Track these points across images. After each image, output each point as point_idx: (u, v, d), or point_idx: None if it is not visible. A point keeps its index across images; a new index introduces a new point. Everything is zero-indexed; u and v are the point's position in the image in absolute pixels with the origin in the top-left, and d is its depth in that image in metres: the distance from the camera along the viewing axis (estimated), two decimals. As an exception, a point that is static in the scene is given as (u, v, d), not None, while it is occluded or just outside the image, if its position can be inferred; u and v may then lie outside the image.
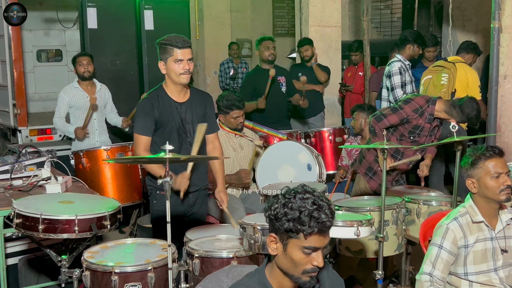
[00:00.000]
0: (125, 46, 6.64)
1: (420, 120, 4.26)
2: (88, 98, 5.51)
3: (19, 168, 4.33)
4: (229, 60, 9.18)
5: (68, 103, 5.47)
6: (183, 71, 3.53)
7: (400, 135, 4.33)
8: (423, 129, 4.30)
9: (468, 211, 2.89)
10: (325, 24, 7.51)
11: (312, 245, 1.98)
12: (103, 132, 5.70)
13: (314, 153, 4.52)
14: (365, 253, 3.72)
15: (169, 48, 3.50)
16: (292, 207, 1.97)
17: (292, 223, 1.96)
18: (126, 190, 4.91)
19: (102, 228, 3.15)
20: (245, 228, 2.98)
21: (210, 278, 2.37)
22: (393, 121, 4.23)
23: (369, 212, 3.57)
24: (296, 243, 1.98)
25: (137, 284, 2.88)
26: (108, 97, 5.76)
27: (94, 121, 5.57)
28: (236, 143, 4.80)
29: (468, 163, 2.88)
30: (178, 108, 3.66)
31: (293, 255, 2.00)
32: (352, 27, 10.57)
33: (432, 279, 2.81)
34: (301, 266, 2.01)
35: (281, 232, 2.01)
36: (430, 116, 4.26)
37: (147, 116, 3.58)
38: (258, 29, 11.64)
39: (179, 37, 3.54)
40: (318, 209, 1.96)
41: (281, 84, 6.16)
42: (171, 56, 3.51)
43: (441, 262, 2.83)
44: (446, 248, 2.83)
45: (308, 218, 1.94)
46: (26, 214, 3.08)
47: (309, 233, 1.95)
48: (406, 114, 4.22)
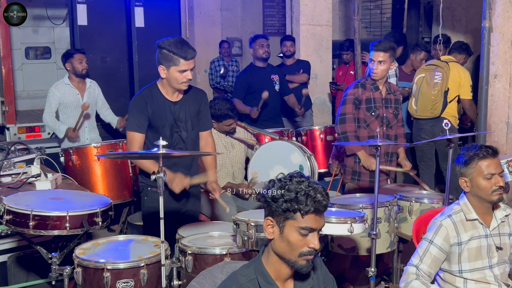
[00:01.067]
0: (115, 43, 6.59)
1: (366, 92, 4.33)
2: (79, 95, 5.48)
3: (8, 165, 4.28)
4: (220, 58, 9.15)
5: (59, 99, 5.41)
6: (185, 80, 3.50)
7: (363, 121, 4.37)
8: (375, 100, 4.35)
9: (462, 209, 2.90)
10: (316, 23, 7.51)
11: (308, 225, 2.01)
12: (93, 130, 5.66)
13: (307, 153, 4.51)
14: (358, 250, 3.72)
15: (175, 58, 3.43)
16: (289, 189, 2.02)
17: (290, 203, 2.00)
18: (116, 187, 4.88)
19: (93, 225, 3.13)
20: (239, 224, 2.97)
21: (205, 274, 2.35)
22: (350, 109, 4.31)
23: (362, 210, 3.57)
24: (293, 224, 2.02)
25: (130, 281, 2.86)
26: (99, 93, 5.71)
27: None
28: (228, 142, 4.78)
29: (462, 162, 2.88)
30: (172, 107, 3.64)
31: (290, 236, 2.02)
32: (342, 26, 10.59)
33: (418, 272, 2.83)
34: (298, 248, 2.03)
35: (277, 214, 2.04)
36: (373, 84, 4.35)
37: (141, 114, 3.55)
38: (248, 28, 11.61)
39: (185, 46, 3.46)
40: (314, 190, 2.02)
41: (275, 82, 6.16)
42: (176, 66, 3.45)
43: (429, 257, 2.84)
44: (437, 244, 2.84)
45: (305, 197, 2.00)
46: (16, 211, 3.05)
47: (306, 212, 2.00)
48: (352, 95, 4.31)
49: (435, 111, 5.77)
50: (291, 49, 6.86)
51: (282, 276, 2.12)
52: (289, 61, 6.90)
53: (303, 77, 6.83)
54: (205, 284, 2.30)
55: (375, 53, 4.30)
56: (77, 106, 5.45)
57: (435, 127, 5.83)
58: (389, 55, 4.31)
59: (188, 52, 3.43)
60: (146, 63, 6.61)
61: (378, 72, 4.30)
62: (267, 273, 2.10)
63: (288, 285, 2.16)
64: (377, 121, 4.37)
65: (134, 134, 3.57)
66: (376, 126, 4.32)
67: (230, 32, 11.22)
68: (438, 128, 5.80)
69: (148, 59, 6.64)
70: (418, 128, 5.99)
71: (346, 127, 4.31)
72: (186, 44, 3.49)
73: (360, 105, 4.33)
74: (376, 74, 4.31)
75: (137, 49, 6.62)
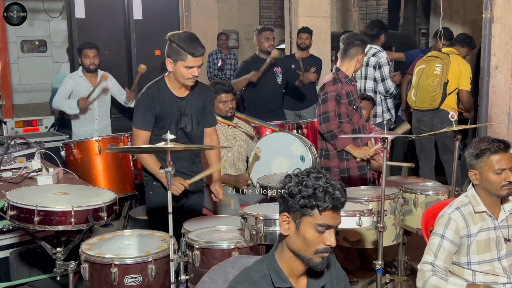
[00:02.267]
0: (114, 36, 6.52)
1: (345, 86, 4.25)
2: (91, 88, 5.49)
3: (8, 159, 4.24)
4: (218, 51, 9.11)
5: (71, 88, 5.45)
6: (191, 76, 3.47)
7: (346, 116, 4.28)
8: (352, 93, 4.30)
9: (470, 201, 2.88)
10: (315, 15, 7.48)
11: (326, 222, 1.98)
12: (104, 119, 5.68)
13: (307, 143, 4.48)
14: (363, 243, 3.71)
15: (183, 53, 3.39)
16: (306, 185, 1.98)
17: (307, 199, 1.97)
18: (118, 181, 4.84)
19: (98, 219, 3.09)
20: (247, 218, 2.95)
21: (216, 269, 2.33)
22: (332, 106, 4.19)
23: (368, 202, 3.55)
24: (309, 220, 1.99)
25: (137, 276, 2.83)
26: (113, 85, 5.73)
27: (95, 111, 5.55)
28: (230, 134, 4.75)
29: (472, 154, 2.86)
30: (178, 102, 3.62)
31: (306, 233, 2.00)
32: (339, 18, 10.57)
33: (434, 268, 2.79)
34: (314, 245, 2.00)
35: (294, 210, 2.01)
36: (346, 77, 4.29)
37: (148, 112, 3.53)
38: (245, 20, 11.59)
39: (195, 42, 3.41)
40: (332, 186, 1.98)
41: (277, 75, 6.12)
42: (183, 61, 3.41)
43: (443, 252, 2.81)
44: (448, 238, 2.82)
45: (323, 193, 1.96)
46: (21, 206, 3.01)
47: (324, 209, 1.97)
48: (334, 91, 4.19)
49: (434, 102, 5.75)
50: (306, 42, 6.75)
51: (296, 272, 2.10)
52: (302, 54, 6.81)
53: (312, 77, 6.75)
54: (217, 279, 2.27)
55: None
56: None
57: (434, 119, 5.82)
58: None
59: (196, 49, 3.39)
60: (144, 56, 6.55)
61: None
62: (280, 269, 2.08)
63: (301, 282, 2.14)
64: (357, 114, 4.32)
65: (140, 132, 3.55)
66: (357, 118, 4.30)
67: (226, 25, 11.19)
68: (437, 119, 5.79)
69: (146, 52, 6.60)
70: (417, 120, 5.98)
71: (331, 125, 4.19)
72: (196, 40, 3.44)
73: (341, 100, 4.23)
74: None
75: (135, 42, 6.55)
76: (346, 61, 4.31)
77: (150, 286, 2.86)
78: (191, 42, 3.40)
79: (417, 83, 5.81)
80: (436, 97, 5.69)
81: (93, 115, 5.56)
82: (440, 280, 2.74)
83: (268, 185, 3.71)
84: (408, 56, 7.04)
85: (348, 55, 4.29)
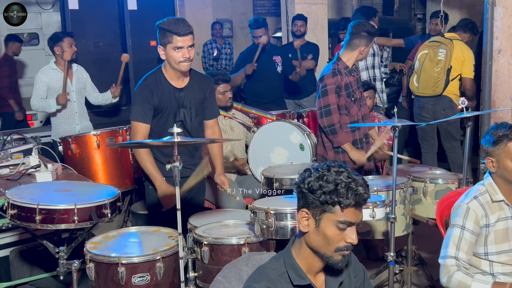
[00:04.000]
0: (108, 27, 6.40)
1: (344, 77, 4.15)
2: (68, 80, 5.21)
3: (5, 156, 4.15)
4: (213, 40, 8.99)
5: (46, 84, 5.14)
6: (183, 59, 3.37)
7: (345, 108, 4.19)
8: (351, 84, 4.19)
9: (487, 190, 2.79)
10: (311, 2, 7.40)
11: (347, 219, 1.90)
12: (84, 116, 5.41)
13: (306, 131, 4.41)
14: (373, 234, 3.64)
15: (169, 34, 3.32)
16: (327, 180, 1.89)
17: (329, 195, 1.88)
18: (118, 176, 4.73)
19: (102, 217, 2.99)
20: (256, 213, 2.86)
21: (230, 267, 2.25)
22: (333, 99, 4.10)
23: (377, 193, 3.47)
24: (330, 217, 1.91)
25: (145, 275, 2.75)
26: (86, 78, 5.44)
27: (74, 103, 5.27)
28: (227, 125, 4.69)
29: (490, 141, 2.76)
30: (176, 94, 3.53)
31: (327, 230, 1.92)
32: (334, 5, 10.43)
33: (458, 262, 2.69)
34: (334, 243, 1.93)
35: (314, 206, 1.92)
36: (345, 68, 4.18)
37: (146, 103, 3.44)
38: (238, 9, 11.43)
39: (180, 23, 3.33)
40: (355, 181, 1.89)
41: (277, 64, 6.03)
42: (170, 44, 3.33)
43: (465, 243, 2.71)
44: (469, 228, 2.72)
45: (346, 190, 1.87)
46: (21, 205, 2.91)
47: (346, 206, 1.88)
48: (334, 84, 4.09)
49: (437, 88, 5.68)
50: (301, 29, 6.64)
51: (314, 269, 2.03)
52: (298, 41, 6.71)
53: (310, 64, 6.66)
54: (231, 278, 2.20)
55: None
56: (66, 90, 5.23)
57: (436, 105, 5.76)
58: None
59: (180, 28, 3.30)
60: (139, 46, 6.45)
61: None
62: (298, 266, 2.00)
63: (319, 279, 2.07)
64: (355, 105, 4.22)
65: (139, 124, 3.47)
66: (356, 110, 4.21)
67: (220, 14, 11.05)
68: (440, 106, 5.73)
69: (141, 43, 6.48)
70: (419, 107, 5.91)
71: (333, 119, 4.10)
72: (181, 21, 3.37)
73: (341, 92, 4.14)
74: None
75: (130, 33, 6.44)
76: (348, 51, 4.21)
77: (159, 285, 2.78)
78: (175, 22, 3.33)
79: (420, 68, 5.73)
80: (439, 84, 5.62)
81: (72, 109, 5.29)
82: (465, 276, 2.64)
83: (274, 177, 3.62)
84: (407, 42, 6.95)
85: (351, 45, 4.18)
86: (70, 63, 5.23)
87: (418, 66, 5.77)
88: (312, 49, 6.80)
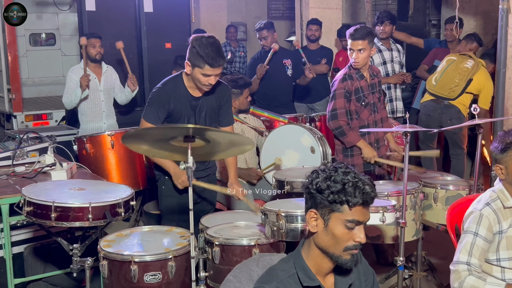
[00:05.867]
0: (124, 29, 6.45)
1: (354, 82, 4.20)
2: (96, 79, 5.43)
3: (21, 154, 4.21)
4: (227, 43, 9.04)
5: (76, 82, 5.31)
6: (207, 83, 3.41)
7: (355, 112, 4.25)
8: (363, 89, 4.23)
9: (498, 196, 2.80)
10: (326, 6, 7.43)
11: (355, 218, 1.94)
12: (111, 115, 5.59)
13: (317, 134, 4.44)
14: (383, 238, 3.66)
15: (201, 60, 3.31)
16: (335, 180, 1.93)
17: (337, 195, 1.92)
18: (131, 176, 4.79)
19: (116, 215, 3.04)
20: (267, 214, 2.90)
21: (240, 267, 2.28)
22: (341, 104, 4.16)
23: (387, 197, 3.49)
24: (339, 217, 1.94)
25: (157, 274, 2.79)
26: (116, 78, 5.66)
27: (102, 102, 5.47)
28: (238, 129, 4.72)
29: (498, 148, 2.78)
30: (193, 102, 3.57)
31: (335, 230, 1.95)
32: (349, 9, 10.45)
33: (470, 268, 2.69)
34: (343, 242, 1.96)
35: (322, 206, 1.96)
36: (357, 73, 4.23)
37: (161, 108, 3.49)
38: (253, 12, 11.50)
39: (215, 54, 3.30)
40: (362, 181, 1.94)
41: (287, 67, 6.07)
42: (200, 68, 3.34)
43: (477, 250, 2.72)
44: (482, 235, 2.73)
45: (353, 188, 1.92)
46: (37, 202, 2.96)
47: (354, 204, 1.92)
48: (343, 89, 4.16)
49: (452, 92, 5.69)
50: (316, 34, 6.75)
51: (324, 270, 2.05)
52: (312, 46, 6.76)
53: (323, 68, 6.71)
54: (242, 278, 2.23)
55: (353, 42, 4.14)
56: (95, 89, 5.40)
57: (443, 115, 5.79)
58: (368, 42, 4.15)
59: (215, 60, 3.31)
60: (155, 48, 6.50)
61: (359, 61, 4.17)
62: (307, 267, 2.03)
63: (329, 280, 2.09)
64: (366, 110, 4.27)
65: (149, 126, 3.48)
66: (366, 114, 4.26)
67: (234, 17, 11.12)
68: (447, 115, 5.75)
69: (157, 45, 6.53)
70: (426, 114, 5.94)
71: (339, 122, 4.18)
72: (217, 50, 3.33)
73: (351, 97, 4.20)
74: (357, 63, 4.18)
75: (146, 35, 6.48)
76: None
77: (170, 284, 2.82)
78: (211, 51, 3.30)
79: (444, 69, 5.73)
80: (456, 89, 5.63)
81: (100, 108, 5.46)
82: (478, 280, 2.65)
83: (285, 180, 3.66)
84: (426, 43, 6.95)
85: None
86: (98, 62, 5.47)
87: (443, 66, 5.76)
88: (326, 54, 6.85)
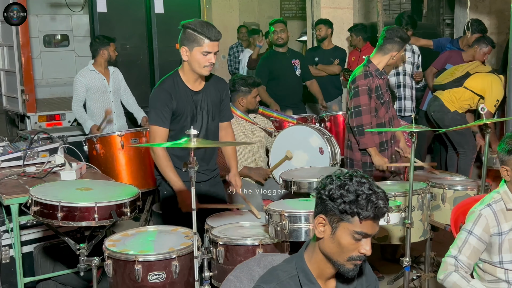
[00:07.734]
0: (135, 30, 6.52)
1: (375, 80, 4.23)
2: (105, 81, 5.51)
3: (32, 154, 4.25)
4: (238, 44, 9.06)
5: (85, 86, 5.42)
6: (208, 63, 3.37)
7: (374, 110, 4.27)
8: (381, 86, 4.27)
9: (502, 198, 2.78)
10: (337, 6, 7.40)
11: (364, 230, 1.90)
12: (121, 116, 5.68)
13: (326, 135, 4.44)
14: (390, 239, 3.64)
15: (199, 37, 3.29)
16: (349, 190, 1.89)
17: (349, 205, 1.88)
18: (141, 176, 4.81)
19: (122, 215, 3.05)
20: (271, 215, 2.90)
21: (241, 267, 2.29)
22: (365, 100, 4.18)
23: (394, 198, 3.47)
24: (347, 227, 1.91)
25: (161, 273, 2.80)
26: (121, 79, 5.75)
27: (112, 103, 5.56)
28: (248, 128, 4.73)
29: (505, 150, 2.76)
30: (193, 97, 3.53)
31: (342, 239, 1.92)
32: (361, 9, 10.40)
33: (457, 263, 2.72)
34: (348, 252, 1.93)
35: (332, 214, 1.93)
36: (376, 70, 4.27)
37: (165, 107, 3.44)
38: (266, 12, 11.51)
39: (211, 27, 3.32)
40: (376, 194, 1.89)
41: (296, 67, 6.07)
42: (199, 46, 3.32)
43: (468, 248, 2.73)
44: (476, 234, 2.73)
45: (366, 201, 1.87)
46: (44, 202, 2.99)
47: (365, 217, 1.88)
48: (365, 85, 4.18)
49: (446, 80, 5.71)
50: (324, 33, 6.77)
51: (325, 275, 2.03)
52: (325, 45, 6.78)
53: (336, 69, 6.71)
54: (243, 278, 2.24)
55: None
56: (104, 91, 5.49)
57: (430, 107, 5.79)
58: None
59: (213, 32, 3.30)
60: (166, 49, 6.55)
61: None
62: (309, 271, 2.02)
63: (330, 285, 2.08)
64: (383, 107, 4.29)
65: (158, 129, 3.45)
66: (383, 112, 4.27)
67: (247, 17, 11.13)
68: (432, 107, 5.73)
69: (168, 45, 6.58)
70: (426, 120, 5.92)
71: (362, 120, 4.17)
72: (211, 25, 3.37)
73: (372, 94, 4.22)
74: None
75: (157, 36, 6.55)
76: (379, 54, 4.30)
77: (174, 283, 2.83)
78: (207, 26, 3.31)
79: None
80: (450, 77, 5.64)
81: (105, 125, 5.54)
82: (461, 279, 2.67)
83: (292, 180, 3.65)
84: (436, 43, 6.87)
85: (383, 49, 4.28)
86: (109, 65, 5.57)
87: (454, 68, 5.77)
88: (339, 54, 6.84)
